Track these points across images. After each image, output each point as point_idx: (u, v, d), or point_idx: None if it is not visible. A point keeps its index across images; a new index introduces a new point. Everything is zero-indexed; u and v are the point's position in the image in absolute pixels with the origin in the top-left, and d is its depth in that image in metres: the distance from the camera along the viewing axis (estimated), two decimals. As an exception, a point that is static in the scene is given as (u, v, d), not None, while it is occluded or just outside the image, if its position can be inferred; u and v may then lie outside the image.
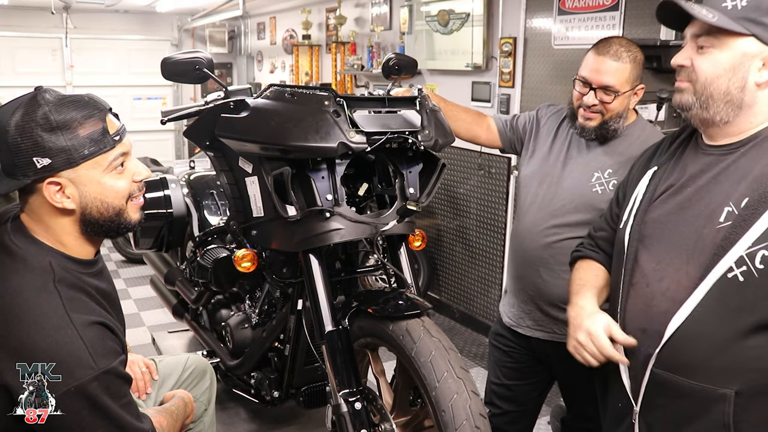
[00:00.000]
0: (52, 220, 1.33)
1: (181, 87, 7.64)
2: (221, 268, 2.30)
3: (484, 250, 3.77)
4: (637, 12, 2.75)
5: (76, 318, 1.26)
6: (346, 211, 1.74)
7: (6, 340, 1.23)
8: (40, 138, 1.25)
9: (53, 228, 1.34)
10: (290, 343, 2.20)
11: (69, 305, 1.26)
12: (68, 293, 1.28)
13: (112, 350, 1.31)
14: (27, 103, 1.28)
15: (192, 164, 3.26)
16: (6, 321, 1.23)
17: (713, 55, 1.24)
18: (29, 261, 1.29)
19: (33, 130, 1.25)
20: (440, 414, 1.50)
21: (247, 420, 2.83)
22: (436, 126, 1.79)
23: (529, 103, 3.35)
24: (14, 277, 1.27)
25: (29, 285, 1.26)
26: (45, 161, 1.26)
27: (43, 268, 1.29)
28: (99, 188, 1.33)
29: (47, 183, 1.28)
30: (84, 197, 1.32)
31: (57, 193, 1.30)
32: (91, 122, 1.29)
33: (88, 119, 1.29)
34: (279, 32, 6.40)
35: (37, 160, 1.25)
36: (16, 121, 1.26)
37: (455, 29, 3.71)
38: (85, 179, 1.31)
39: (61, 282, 1.29)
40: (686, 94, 1.29)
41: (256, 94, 1.78)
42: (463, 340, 3.80)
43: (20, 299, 1.24)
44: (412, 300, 1.73)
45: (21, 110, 1.27)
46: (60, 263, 1.32)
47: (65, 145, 1.26)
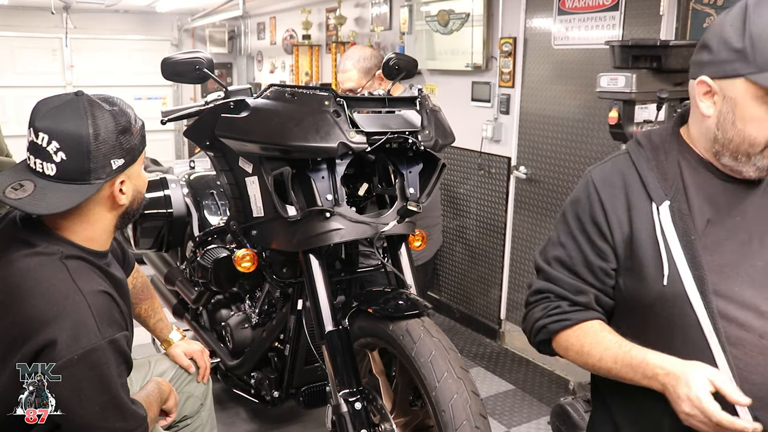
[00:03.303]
0: (101, 216, 1.40)
1: (181, 87, 7.63)
2: (221, 268, 2.30)
3: (484, 250, 3.77)
4: (637, 12, 2.75)
5: (83, 285, 1.29)
6: (346, 211, 1.74)
7: (17, 317, 1.25)
8: (116, 141, 1.34)
9: (95, 225, 1.40)
10: (290, 343, 2.20)
11: (76, 276, 1.30)
12: (75, 265, 1.33)
13: (118, 322, 1.33)
14: (88, 109, 1.32)
15: (192, 164, 3.26)
16: (15, 298, 1.26)
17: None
18: (38, 246, 1.33)
19: (109, 134, 1.32)
20: (440, 414, 1.50)
21: (247, 420, 2.83)
22: (436, 126, 1.79)
23: (529, 103, 3.35)
24: (23, 259, 1.31)
25: (35, 263, 1.30)
26: (120, 162, 1.35)
27: (51, 251, 1.32)
28: (141, 181, 1.46)
29: (116, 182, 1.37)
30: (133, 191, 1.43)
31: (120, 192, 1.39)
32: (135, 122, 1.40)
33: (133, 119, 1.40)
34: (279, 32, 6.40)
35: (113, 162, 1.34)
36: (88, 128, 1.30)
37: (455, 29, 3.71)
38: (134, 174, 1.42)
39: (69, 258, 1.33)
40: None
41: (256, 94, 1.79)
42: (463, 340, 3.80)
43: (28, 277, 1.28)
44: (412, 300, 1.72)
45: (88, 118, 1.30)
46: (69, 249, 1.35)
47: (133, 144, 1.37)
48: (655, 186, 1.22)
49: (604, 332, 1.23)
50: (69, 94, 1.35)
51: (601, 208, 1.26)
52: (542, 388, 3.22)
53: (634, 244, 1.22)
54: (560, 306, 1.28)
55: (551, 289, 1.31)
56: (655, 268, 1.19)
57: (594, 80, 2.47)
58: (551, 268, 1.32)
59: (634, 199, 1.23)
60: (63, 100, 1.32)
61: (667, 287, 1.17)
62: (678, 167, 1.23)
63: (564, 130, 3.15)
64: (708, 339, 1.14)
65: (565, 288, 1.29)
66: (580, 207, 1.29)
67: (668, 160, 1.24)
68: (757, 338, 1.13)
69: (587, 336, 1.23)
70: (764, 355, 1.13)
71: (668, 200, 1.20)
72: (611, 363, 1.18)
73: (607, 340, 1.21)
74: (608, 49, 2.42)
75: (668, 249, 1.17)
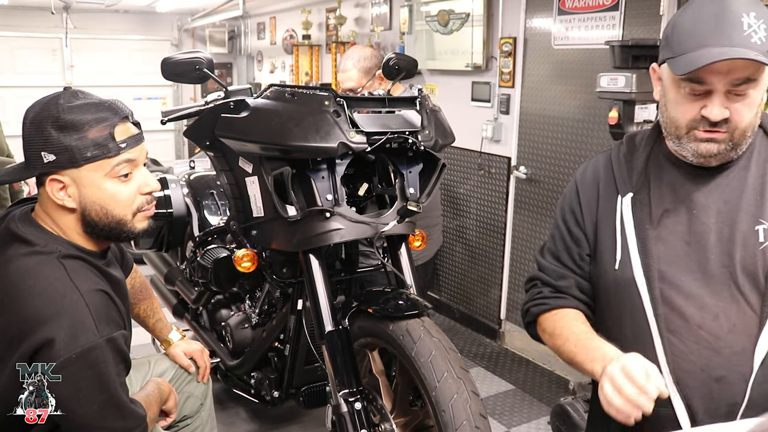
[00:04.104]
0: (56, 214, 1.37)
1: (181, 87, 7.63)
2: (221, 268, 2.30)
3: (484, 250, 3.77)
4: (637, 12, 2.75)
5: (80, 284, 1.29)
6: (346, 211, 1.74)
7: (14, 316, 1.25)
8: (48, 134, 1.29)
9: (58, 222, 1.37)
10: (290, 343, 2.20)
11: (73, 275, 1.30)
12: (73, 265, 1.32)
13: (115, 320, 1.33)
14: (48, 100, 1.33)
15: (192, 164, 3.26)
16: (13, 297, 1.26)
17: (750, 98, 1.15)
18: (36, 245, 1.33)
19: (44, 126, 1.30)
20: (440, 414, 1.50)
21: (247, 420, 2.83)
22: (436, 126, 1.79)
23: (529, 103, 3.35)
24: (21, 258, 1.31)
25: (33, 262, 1.30)
26: (50, 157, 1.30)
27: (49, 249, 1.32)
28: (99, 192, 1.35)
29: (50, 179, 1.33)
30: (84, 198, 1.35)
31: (59, 191, 1.33)
32: (99, 127, 1.32)
33: (99, 123, 1.32)
34: (279, 32, 6.40)
35: (44, 155, 1.30)
36: (33, 115, 1.32)
37: (455, 29, 3.71)
38: (86, 181, 1.33)
39: (66, 257, 1.32)
40: (722, 143, 1.17)
41: (256, 94, 1.78)
42: (463, 340, 3.80)
43: (26, 276, 1.28)
44: (412, 300, 1.72)
45: (40, 106, 1.32)
46: (67, 249, 1.35)
47: (70, 144, 1.30)
48: (623, 179, 1.29)
49: (578, 321, 1.30)
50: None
51: (576, 199, 1.36)
52: (542, 388, 3.22)
53: (598, 232, 1.31)
54: (542, 292, 1.37)
55: (538, 276, 1.41)
56: (610, 253, 1.27)
57: (594, 80, 2.48)
58: (543, 258, 1.42)
59: (603, 191, 1.32)
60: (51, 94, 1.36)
61: (618, 271, 1.24)
62: (646, 162, 1.29)
63: (564, 130, 3.15)
64: (650, 324, 1.19)
65: (549, 274, 1.38)
66: (564, 202, 1.40)
67: (640, 156, 1.30)
68: (696, 328, 1.17)
69: (561, 321, 1.31)
70: (699, 344, 1.17)
71: (632, 192, 1.27)
72: (572, 346, 1.24)
73: (576, 327, 1.28)
74: (608, 49, 2.42)
75: (624, 236, 1.25)
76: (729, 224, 1.19)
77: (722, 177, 1.22)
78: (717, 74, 1.11)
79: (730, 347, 1.16)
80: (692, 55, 1.11)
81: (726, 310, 1.16)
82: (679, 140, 1.20)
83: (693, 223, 1.21)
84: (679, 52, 1.14)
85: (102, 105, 1.35)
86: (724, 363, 1.16)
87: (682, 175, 1.24)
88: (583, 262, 1.34)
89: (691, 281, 1.19)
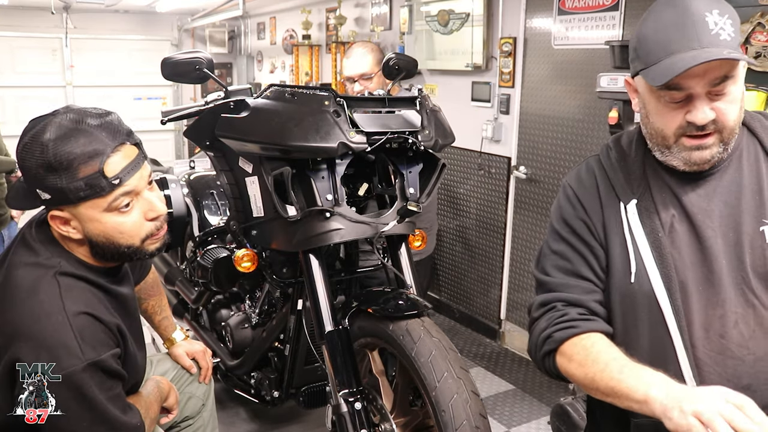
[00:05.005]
0: (63, 239, 1.35)
1: (181, 87, 7.63)
2: (221, 268, 2.30)
3: (484, 250, 3.77)
4: (637, 12, 2.75)
5: (69, 306, 1.26)
6: (346, 211, 1.74)
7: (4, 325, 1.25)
8: (39, 174, 1.25)
9: (67, 243, 1.35)
10: (290, 343, 2.20)
11: (65, 294, 1.27)
12: (68, 282, 1.30)
13: (103, 342, 1.30)
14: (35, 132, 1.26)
15: (192, 164, 3.26)
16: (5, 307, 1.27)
17: (732, 94, 1.12)
18: (40, 256, 1.32)
19: (33, 166, 1.25)
20: (440, 414, 1.50)
21: (247, 420, 2.83)
22: (436, 126, 1.79)
23: (529, 103, 3.35)
24: (23, 267, 1.30)
25: (32, 275, 1.29)
26: (46, 195, 1.27)
27: (51, 263, 1.31)
28: (101, 226, 1.31)
29: (50, 215, 1.31)
30: (88, 231, 1.32)
31: (62, 225, 1.31)
32: (90, 164, 1.24)
33: (89, 159, 1.24)
34: (279, 32, 6.40)
35: (39, 192, 1.28)
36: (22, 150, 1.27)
37: (455, 29, 3.71)
38: (86, 216, 1.30)
39: (64, 274, 1.30)
40: (713, 147, 1.14)
41: (256, 94, 1.78)
42: (463, 340, 3.80)
43: (21, 286, 1.27)
44: (412, 300, 1.72)
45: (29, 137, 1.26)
46: (68, 265, 1.33)
47: (62, 185, 1.25)
48: (622, 185, 1.24)
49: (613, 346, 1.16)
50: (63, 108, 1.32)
51: (582, 207, 1.28)
52: (542, 388, 3.21)
53: (608, 242, 1.24)
54: (568, 314, 1.22)
55: (558, 298, 1.26)
56: (623, 265, 1.20)
57: (594, 80, 2.48)
58: (553, 278, 1.28)
59: (604, 198, 1.26)
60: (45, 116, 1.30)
61: (635, 284, 1.17)
62: (642, 167, 1.25)
63: (564, 130, 3.15)
64: (672, 337, 1.14)
65: (575, 292, 1.24)
66: (564, 212, 1.30)
67: (634, 160, 1.26)
68: (717, 338, 1.14)
69: (595, 345, 1.16)
70: (723, 354, 1.13)
71: (635, 198, 1.22)
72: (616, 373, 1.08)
73: (614, 352, 1.14)
74: (608, 49, 2.42)
75: (636, 246, 1.19)
76: (733, 227, 1.17)
77: (717, 180, 1.20)
78: (694, 78, 1.09)
79: (753, 353, 1.13)
80: (665, 63, 1.09)
81: (744, 315, 1.13)
82: (669, 149, 1.17)
83: (700, 228, 1.18)
84: (650, 62, 1.12)
85: (93, 132, 1.26)
86: (748, 370, 1.13)
87: (679, 180, 1.21)
88: (603, 275, 1.24)
89: (707, 289, 1.15)
